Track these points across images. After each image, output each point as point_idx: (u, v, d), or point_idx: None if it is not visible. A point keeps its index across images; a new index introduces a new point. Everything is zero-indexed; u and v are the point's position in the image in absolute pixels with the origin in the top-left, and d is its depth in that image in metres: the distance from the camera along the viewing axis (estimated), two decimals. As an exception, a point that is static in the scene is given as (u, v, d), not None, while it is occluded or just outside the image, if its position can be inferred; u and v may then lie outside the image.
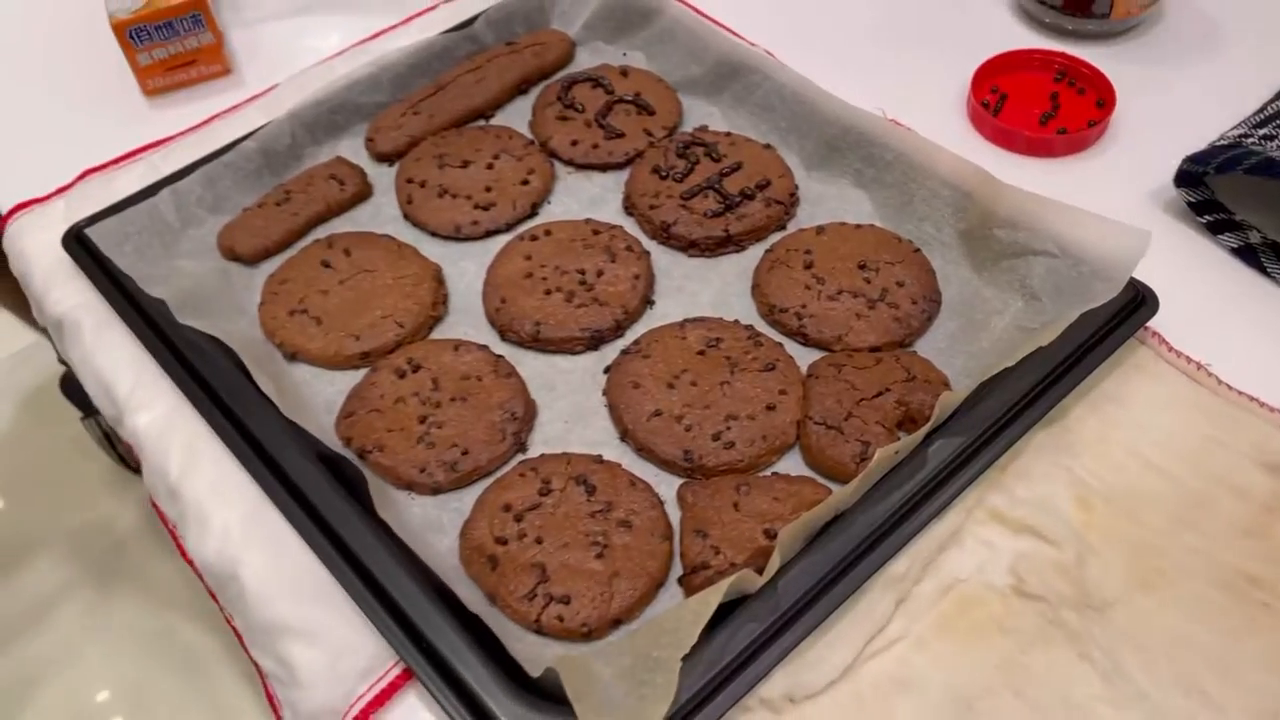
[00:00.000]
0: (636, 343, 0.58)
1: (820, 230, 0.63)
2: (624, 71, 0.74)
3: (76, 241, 0.62)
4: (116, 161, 0.70)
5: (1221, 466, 0.52)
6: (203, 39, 0.73)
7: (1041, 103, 0.71)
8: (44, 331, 0.64)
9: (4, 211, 0.68)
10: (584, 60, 0.76)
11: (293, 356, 0.60)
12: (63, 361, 1.91)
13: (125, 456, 1.83)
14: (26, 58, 0.80)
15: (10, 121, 0.75)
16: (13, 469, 1.92)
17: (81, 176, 0.69)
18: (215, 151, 0.67)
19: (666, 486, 0.53)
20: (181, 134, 0.71)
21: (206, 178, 0.65)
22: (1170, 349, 0.56)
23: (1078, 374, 0.54)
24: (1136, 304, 0.56)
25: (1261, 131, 0.64)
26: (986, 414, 0.52)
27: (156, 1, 0.71)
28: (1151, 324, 0.56)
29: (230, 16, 0.81)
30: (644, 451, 0.54)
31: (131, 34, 0.71)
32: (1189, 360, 0.56)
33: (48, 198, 0.68)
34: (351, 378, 0.58)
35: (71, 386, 1.84)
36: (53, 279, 0.63)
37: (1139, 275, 0.56)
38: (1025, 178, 0.61)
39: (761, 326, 0.60)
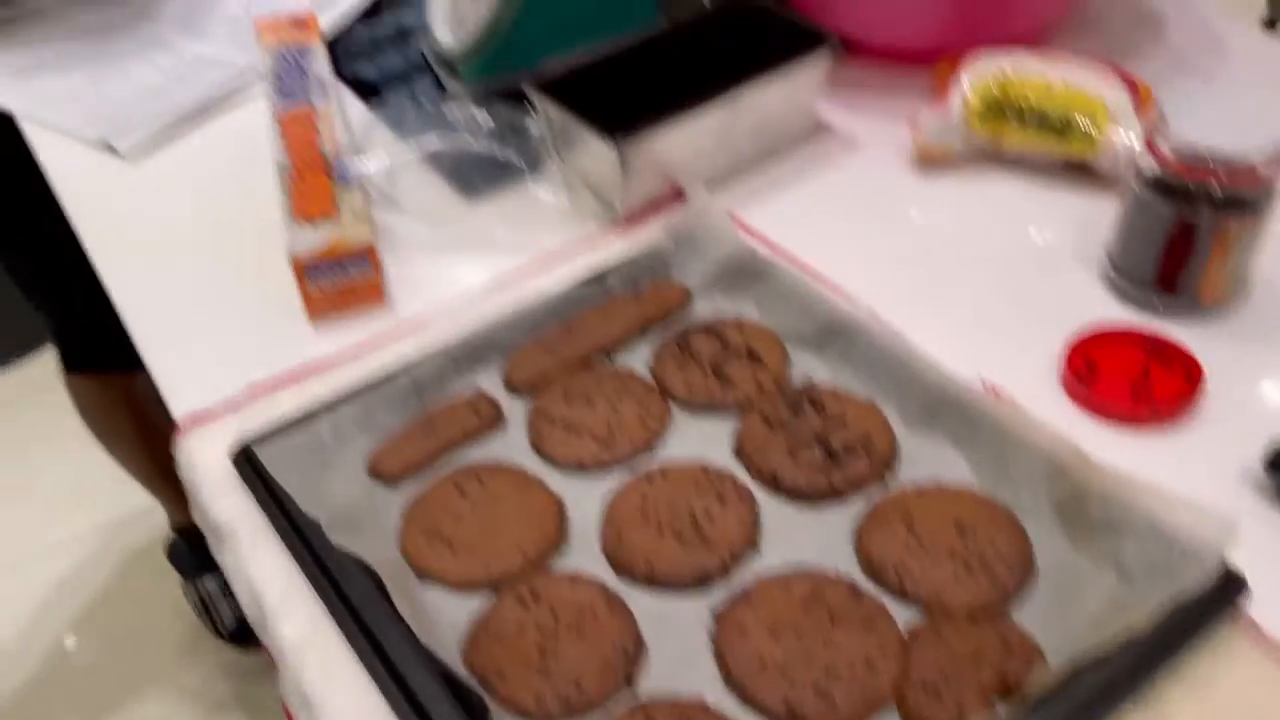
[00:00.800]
0: (744, 591, 0.62)
1: (919, 491, 0.67)
2: (738, 324, 0.80)
3: (244, 458, 0.70)
4: (281, 381, 0.78)
5: (1318, 762, 0.53)
6: (367, 275, 0.83)
7: (1132, 376, 0.75)
8: (159, 496, 0.69)
9: (179, 418, 0.76)
10: (701, 311, 0.83)
11: (425, 578, 0.65)
12: (175, 529, 2.00)
13: (218, 626, 1.88)
14: (206, 275, 0.91)
15: (188, 334, 0.85)
16: (111, 625, 1.99)
17: (250, 393, 0.77)
18: (370, 381, 0.75)
19: (768, 736, 0.56)
20: (341, 360, 0.80)
21: (362, 405, 0.73)
22: (1262, 634, 0.58)
23: (1169, 656, 0.56)
24: (1228, 588, 0.58)
25: (1349, 421, 0.67)
26: (1079, 692, 0.54)
27: (334, 244, 0.81)
28: (1244, 607, 0.58)
29: (387, 252, 0.91)
30: (747, 699, 0.57)
31: (307, 270, 0.81)
32: (1282, 648, 0.57)
33: (219, 412, 0.76)
34: (478, 602, 0.63)
35: (176, 553, 1.93)
36: (218, 490, 0.70)
37: (1232, 557, 0.58)
38: (1115, 449, 0.64)
39: (862, 581, 0.63)
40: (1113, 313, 0.81)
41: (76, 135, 1.08)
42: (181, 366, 0.82)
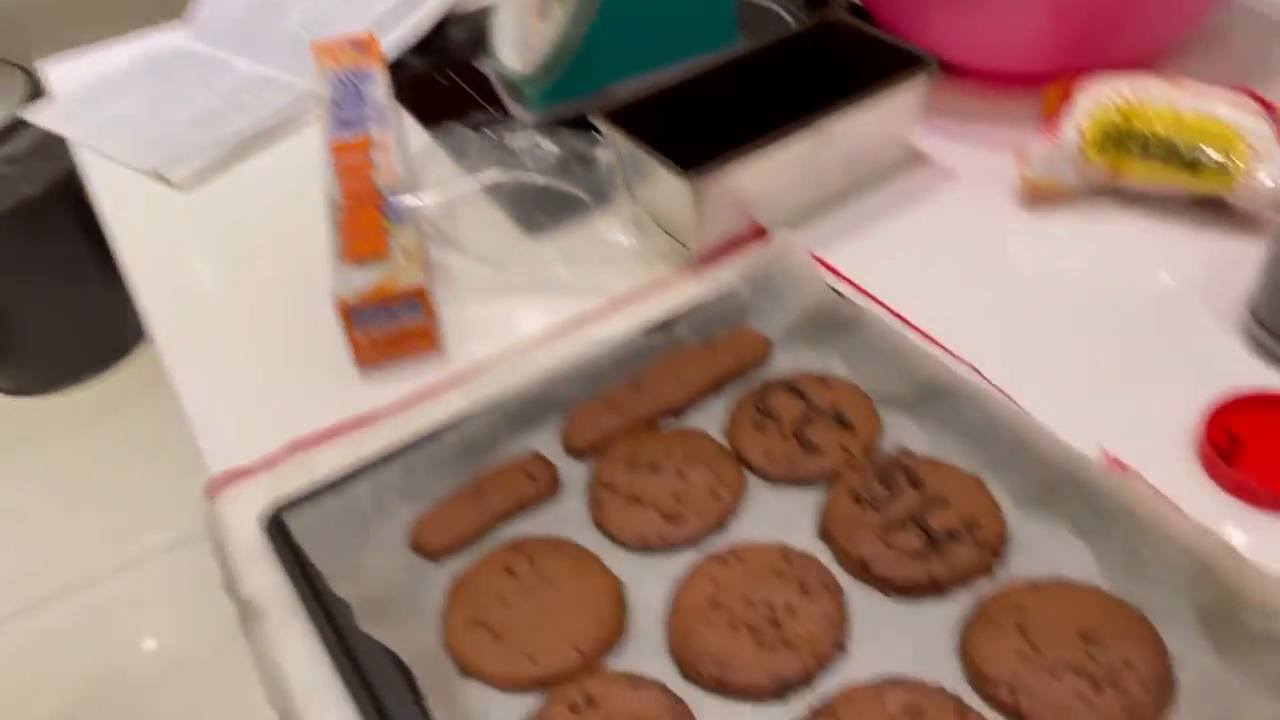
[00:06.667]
0: (829, 704, 0.54)
1: (1035, 587, 0.58)
2: (823, 380, 0.72)
3: (275, 526, 0.64)
4: (322, 437, 0.72)
5: None
6: (419, 320, 0.76)
7: (1284, 452, 0.65)
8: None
9: (214, 474, 0.70)
10: (782, 365, 0.75)
11: (468, 674, 0.58)
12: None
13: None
14: (252, 318, 0.86)
15: (224, 384, 0.80)
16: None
17: (287, 450, 0.71)
18: (416, 438, 0.68)
19: None
20: (385, 414, 0.73)
21: (405, 467, 0.66)
22: None
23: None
24: None
25: None
26: None
27: (383, 287, 0.74)
28: None
29: (441, 293, 0.84)
30: (833, 842, 0.49)
31: (353, 314, 0.74)
32: None
33: (253, 470, 0.70)
34: (525, 704, 0.56)
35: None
36: (247, 560, 0.64)
37: None
38: (1270, 541, 0.55)
39: (969, 696, 0.54)
40: (1256, 374, 0.71)
41: (130, 164, 1.04)
42: (221, 417, 0.76)
